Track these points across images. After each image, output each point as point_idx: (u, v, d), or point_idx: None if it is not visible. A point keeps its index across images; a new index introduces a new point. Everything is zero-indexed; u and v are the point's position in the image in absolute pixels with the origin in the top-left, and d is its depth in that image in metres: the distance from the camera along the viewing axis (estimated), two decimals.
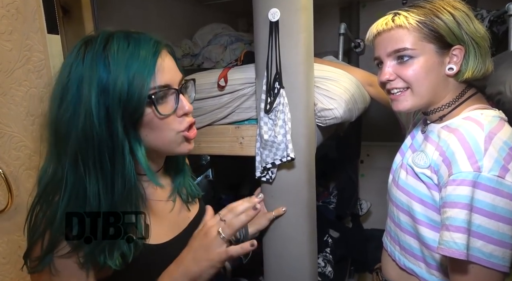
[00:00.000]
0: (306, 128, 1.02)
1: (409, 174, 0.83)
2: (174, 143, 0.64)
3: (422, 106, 0.83)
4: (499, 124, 0.74)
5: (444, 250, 0.68)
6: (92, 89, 0.55)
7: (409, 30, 0.77)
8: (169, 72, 0.62)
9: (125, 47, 0.57)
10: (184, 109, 0.63)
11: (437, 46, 0.77)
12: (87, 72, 0.56)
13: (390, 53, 0.80)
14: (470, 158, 0.68)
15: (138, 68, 0.56)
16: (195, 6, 1.90)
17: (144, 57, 0.57)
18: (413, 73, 0.77)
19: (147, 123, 0.60)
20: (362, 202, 2.28)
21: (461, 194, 0.67)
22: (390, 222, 0.92)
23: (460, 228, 0.67)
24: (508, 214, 0.66)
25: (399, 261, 0.88)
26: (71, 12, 1.06)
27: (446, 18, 0.75)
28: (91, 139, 0.55)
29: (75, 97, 0.56)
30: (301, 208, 1.05)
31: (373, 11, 2.19)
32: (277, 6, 0.94)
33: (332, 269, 1.74)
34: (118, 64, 0.56)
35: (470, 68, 0.77)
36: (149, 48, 0.59)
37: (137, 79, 0.56)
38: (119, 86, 0.55)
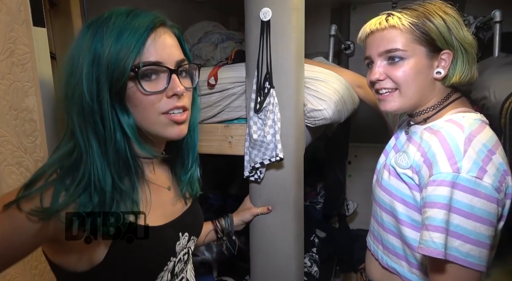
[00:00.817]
0: (295, 129, 1.03)
1: (392, 174, 0.84)
2: (159, 125, 0.62)
3: (409, 108, 0.84)
4: (480, 127, 0.75)
5: (424, 249, 0.70)
6: (86, 59, 0.56)
7: (401, 31, 0.77)
8: (164, 50, 0.60)
9: (123, 19, 0.58)
10: (174, 89, 0.61)
11: (427, 49, 0.78)
12: (85, 44, 0.57)
13: (381, 53, 0.80)
14: (450, 159, 0.70)
15: (127, 39, 0.56)
16: (186, 3, 1.89)
17: (136, 29, 0.57)
18: (403, 74, 0.78)
19: (132, 98, 0.59)
20: (349, 202, 2.30)
21: (440, 195, 0.69)
22: (374, 222, 0.93)
23: (438, 228, 0.68)
24: (484, 214, 0.68)
25: (382, 260, 0.89)
26: (58, 5, 1.03)
27: (438, 22, 0.76)
28: (87, 110, 0.57)
29: (74, 69, 0.57)
30: (288, 208, 1.05)
31: (363, 14, 2.22)
32: (269, 6, 0.94)
33: (318, 269, 1.75)
34: (111, 34, 0.57)
35: (458, 73, 0.78)
36: (144, 22, 0.58)
37: (124, 49, 0.56)
38: (107, 56, 0.56)
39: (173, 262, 0.71)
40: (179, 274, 0.74)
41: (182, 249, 0.74)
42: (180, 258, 0.73)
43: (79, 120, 0.58)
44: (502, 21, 1.34)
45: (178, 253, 0.72)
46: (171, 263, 0.70)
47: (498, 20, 1.34)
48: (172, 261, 0.70)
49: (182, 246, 0.73)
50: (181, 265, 0.74)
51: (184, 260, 0.75)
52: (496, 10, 1.35)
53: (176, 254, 0.71)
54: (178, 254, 0.72)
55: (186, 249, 0.76)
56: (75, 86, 0.57)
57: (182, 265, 0.75)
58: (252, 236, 1.12)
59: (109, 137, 0.58)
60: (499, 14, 1.34)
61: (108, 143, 0.58)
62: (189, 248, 0.77)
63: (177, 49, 0.63)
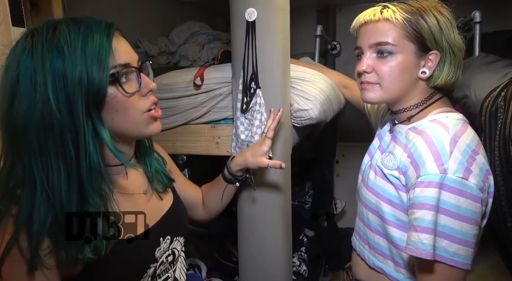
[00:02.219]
0: (282, 128, 1.03)
1: (378, 175, 0.84)
2: (141, 124, 0.63)
3: (389, 102, 0.84)
4: (463, 127, 0.76)
5: (412, 250, 0.70)
6: (48, 77, 0.53)
7: (394, 25, 0.77)
8: (126, 52, 0.61)
9: (76, 30, 0.56)
10: (148, 86, 0.63)
11: (416, 47, 0.77)
12: (39, 62, 0.54)
13: (372, 44, 0.80)
14: (437, 160, 0.71)
15: (95, 50, 0.55)
16: (172, 4, 1.87)
17: (99, 39, 0.56)
18: (389, 70, 0.78)
19: (112, 104, 0.59)
20: (337, 201, 2.32)
21: (428, 196, 0.69)
22: (359, 222, 0.94)
23: (427, 229, 0.69)
24: (470, 214, 0.69)
25: (368, 260, 0.90)
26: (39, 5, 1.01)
27: (431, 21, 0.76)
28: (51, 128, 0.54)
29: (29, 90, 0.54)
30: (276, 207, 1.06)
31: (349, 14, 2.23)
32: (254, 6, 0.94)
33: (307, 268, 1.76)
34: (72, 48, 0.54)
35: (444, 76, 0.79)
36: (101, 30, 0.58)
37: (95, 61, 0.55)
38: (78, 71, 0.54)
39: (153, 268, 0.70)
40: (162, 274, 0.73)
41: (164, 253, 0.73)
42: (163, 261, 0.73)
43: (42, 143, 0.54)
44: (481, 22, 1.37)
45: (159, 258, 0.71)
46: (151, 269, 0.69)
47: (478, 20, 1.37)
48: (152, 267, 0.70)
49: (163, 250, 0.72)
50: (165, 266, 0.74)
51: (168, 261, 0.74)
52: (476, 11, 1.38)
53: (156, 259, 0.70)
54: (159, 258, 0.71)
55: (169, 251, 0.75)
56: (41, 106, 0.53)
57: (166, 265, 0.74)
58: (240, 236, 1.12)
59: (82, 153, 0.56)
60: (479, 15, 1.37)
61: (81, 159, 0.56)
62: (173, 250, 0.76)
63: (133, 50, 0.64)
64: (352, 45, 0.88)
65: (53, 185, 0.55)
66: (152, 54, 1.53)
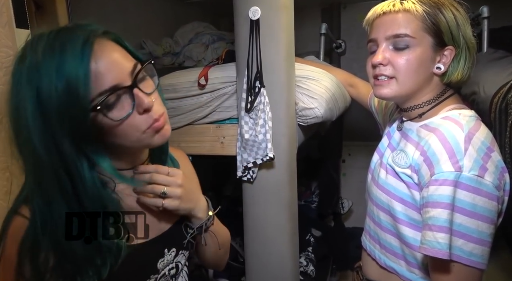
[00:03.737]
0: (287, 128, 1.02)
1: (389, 173, 0.83)
2: (145, 139, 0.58)
3: (403, 98, 0.82)
4: (476, 124, 0.75)
5: (428, 250, 0.69)
6: (28, 106, 0.49)
7: (415, 17, 0.75)
8: (112, 71, 0.52)
9: (51, 55, 0.49)
10: (142, 106, 0.54)
11: (434, 41, 0.76)
12: (22, 88, 0.50)
13: (389, 36, 0.77)
14: (452, 158, 0.69)
15: (69, 81, 0.48)
16: (176, 4, 1.87)
17: (73, 66, 0.48)
18: (406, 63, 0.76)
19: (107, 131, 0.54)
20: (344, 201, 2.31)
21: (443, 194, 0.68)
22: (370, 221, 0.92)
23: (442, 228, 0.67)
24: (486, 212, 0.68)
25: (380, 260, 0.89)
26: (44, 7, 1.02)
27: (449, 16, 0.75)
28: (44, 169, 0.51)
29: (24, 124, 0.50)
30: (282, 207, 1.05)
31: (353, 12, 2.22)
32: (257, 5, 0.93)
33: (314, 268, 1.75)
34: (47, 70, 0.49)
35: (460, 72, 0.77)
36: (76, 52, 0.49)
37: (71, 93, 0.48)
38: (55, 106, 0.48)
39: (153, 280, 0.68)
40: None
41: (167, 265, 0.70)
42: (165, 273, 0.70)
43: (39, 177, 0.53)
44: (489, 17, 1.35)
45: (161, 270, 0.69)
46: (151, 280, 0.67)
47: (486, 16, 1.35)
48: (152, 278, 0.67)
49: (166, 262, 0.70)
50: (166, 279, 0.71)
51: (170, 275, 0.72)
52: (484, 6, 1.36)
53: (158, 271, 0.68)
54: (162, 270, 0.69)
55: (173, 264, 0.72)
56: (25, 142, 0.51)
57: (168, 279, 0.71)
58: (246, 237, 1.11)
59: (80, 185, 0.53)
60: (487, 10, 1.35)
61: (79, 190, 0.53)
62: (177, 263, 0.73)
63: (125, 58, 0.55)
64: (357, 43, 0.88)
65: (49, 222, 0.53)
66: (156, 55, 1.53)
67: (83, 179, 0.53)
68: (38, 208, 0.53)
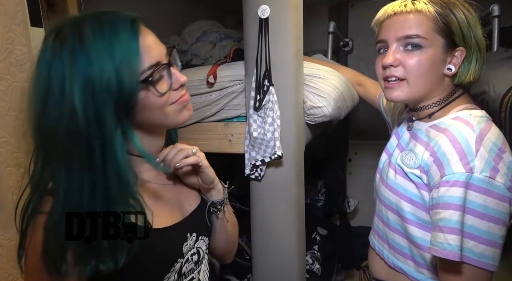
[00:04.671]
0: (295, 126, 1.02)
1: (398, 173, 0.83)
2: (172, 115, 0.62)
3: (415, 100, 0.81)
4: (487, 124, 0.74)
5: (438, 251, 0.69)
6: (75, 85, 0.52)
7: (427, 17, 0.74)
8: (155, 49, 0.59)
9: (101, 33, 0.53)
10: (179, 81, 0.62)
11: (445, 42, 0.75)
12: (67, 70, 0.52)
13: (400, 37, 0.76)
14: (462, 159, 0.69)
15: (123, 54, 0.53)
16: (184, 2, 1.88)
17: (125, 41, 0.53)
18: (417, 64, 0.75)
19: (144, 105, 0.58)
20: (350, 200, 2.30)
21: (454, 195, 0.67)
22: (378, 221, 0.92)
23: (454, 230, 0.67)
24: (498, 214, 0.67)
25: (388, 260, 0.88)
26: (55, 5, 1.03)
27: (460, 17, 0.74)
28: (78, 138, 0.53)
29: (58, 98, 0.53)
30: (289, 205, 1.05)
31: (361, 11, 2.21)
32: (267, 3, 0.93)
33: (320, 266, 1.75)
34: (99, 53, 0.52)
35: (471, 73, 0.77)
36: (127, 30, 0.55)
37: (124, 66, 0.53)
38: (106, 77, 0.52)
39: (180, 263, 0.70)
40: (187, 274, 0.73)
41: (190, 250, 0.72)
42: (188, 258, 0.72)
43: (70, 152, 0.54)
44: (500, 16, 1.34)
45: (185, 254, 0.71)
46: (178, 264, 0.69)
47: (497, 14, 1.34)
48: (179, 262, 0.69)
49: (189, 246, 0.72)
50: (190, 265, 0.73)
51: (193, 260, 0.74)
52: (495, 4, 1.35)
53: (183, 255, 0.70)
54: (186, 255, 0.71)
55: (195, 249, 0.74)
56: (68, 115, 0.52)
57: (192, 265, 0.73)
58: (253, 234, 1.12)
59: (111, 161, 0.54)
60: (498, 9, 1.34)
61: (108, 168, 0.55)
62: (198, 249, 0.75)
63: (159, 41, 0.62)
64: (365, 41, 0.88)
65: (74, 195, 0.54)
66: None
67: (115, 154, 0.55)
68: (63, 185, 0.54)
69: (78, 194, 0.54)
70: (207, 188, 0.76)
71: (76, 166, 0.54)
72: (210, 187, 0.76)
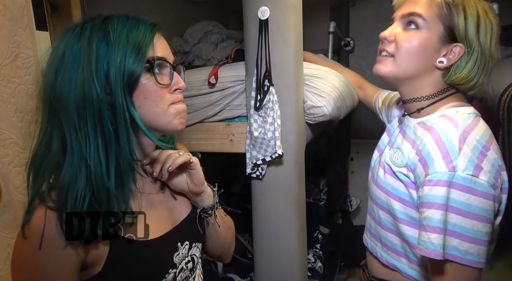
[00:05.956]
0: (296, 125, 1.04)
1: (387, 172, 0.83)
2: (167, 116, 0.64)
3: (398, 79, 0.81)
4: (474, 121, 0.74)
5: (422, 250, 0.70)
6: (92, 57, 0.57)
7: (435, 3, 0.75)
8: (166, 49, 0.65)
9: (125, 21, 0.61)
10: (178, 84, 0.66)
11: (445, 32, 0.75)
12: (85, 42, 0.58)
13: (404, 15, 0.78)
14: (445, 158, 0.69)
15: (137, 39, 0.60)
16: (186, 4, 1.90)
17: (143, 30, 0.61)
18: (408, 43, 0.76)
19: (142, 91, 0.61)
20: (352, 198, 2.31)
21: (437, 195, 0.68)
22: (371, 219, 0.93)
23: (436, 229, 0.68)
24: (482, 212, 0.68)
25: (381, 258, 0.89)
26: (59, 8, 1.05)
27: (471, 13, 0.73)
28: (90, 103, 0.57)
29: (73, 65, 0.58)
30: (290, 204, 1.07)
31: (362, 10, 2.22)
32: (266, 4, 0.95)
33: (322, 265, 1.76)
34: (117, 35, 0.59)
35: (463, 74, 0.75)
36: (147, 25, 0.63)
37: (135, 49, 0.59)
38: (119, 55, 0.58)
39: (172, 274, 0.69)
40: None
41: (183, 259, 0.72)
42: (182, 267, 0.72)
43: (82, 117, 0.57)
44: (500, 14, 1.34)
45: (178, 264, 0.70)
46: (170, 275, 0.69)
47: (496, 13, 1.34)
48: (172, 273, 0.69)
49: (182, 256, 0.71)
50: (185, 273, 0.73)
51: (188, 268, 0.74)
52: (494, 3, 1.35)
53: (175, 265, 0.70)
54: (179, 264, 0.71)
55: (189, 257, 0.74)
56: (82, 80, 0.57)
57: (187, 273, 0.73)
58: (255, 233, 1.13)
59: (122, 130, 0.59)
60: (497, 7, 1.34)
61: (120, 136, 0.59)
62: (192, 256, 0.75)
63: (171, 51, 0.67)
64: (366, 41, 0.89)
65: (92, 155, 0.57)
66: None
67: (125, 123, 0.59)
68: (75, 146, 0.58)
69: (92, 155, 0.57)
70: (197, 191, 0.74)
71: (88, 129, 0.58)
72: (201, 191, 0.75)
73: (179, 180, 0.73)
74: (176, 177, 0.73)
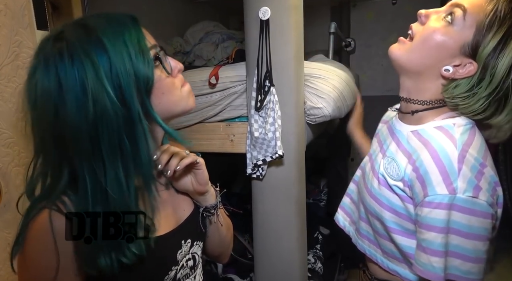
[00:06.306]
0: (296, 126, 1.04)
1: (382, 184, 0.80)
2: (184, 99, 0.65)
3: (403, 70, 0.78)
4: (470, 135, 0.72)
5: (423, 272, 0.69)
6: (100, 75, 0.53)
7: (485, 12, 0.68)
8: (151, 37, 0.63)
9: (109, 25, 0.57)
10: (177, 66, 0.65)
11: (471, 42, 0.69)
12: (84, 62, 0.53)
13: (453, 4, 0.72)
14: (445, 180, 0.67)
15: (133, 38, 0.57)
16: (186, 4, 1.90)
17: (133, 29, 0.58)
18: (432, 33, 0.72)
19: (159, 88, 0.61)
20: None
21: (438, 218, 0.67)
22: (368, 227, 0.89)
23: (437, 252, 0.67)
24: (482, 231, 0.66)
25: (382, 264, 0.87)
26: (60, 8, 1.05)
27: (508, 46, 0.66)
28: (105, 126, 0.54)
29: (77, 94, 0.53)
30: (291, 204, 1.07)
31: (363, 11, 2.22)
32: (267, 5, 0.95)
33: (322, 265, 1.76)
34: (113, 43, 0.55)
35: (459, 94, 0.71)
36: (129, 21, 0.59)
37: (138, 50, 0.57)
38: (126, 64, 0.55)
39: (174, 271, 0.70)
40: (182, 279, 0.73)
41: (185, 256, 0.72)
42: (183, 264, 0.72)
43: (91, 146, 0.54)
44: None
45: (180, 261, 0.71)
46: (173, 272, 0.69)
47: None
48: (174, 269, 0.70)
49: (184, 253, 0.72)
50: (185, 270, 0.73)
51: (188, 266, 0.74)
52: None
53: (177, 262, 0.70)
54: (180, 261, 0.71)
55: (190, 255, 0.74)
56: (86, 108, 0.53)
57: (187, 270, 0.74)
58: (255, 233, 1.13)
59: (142, 142, 0.57)
60: None
61: (140, 149, 0.57)
62: (194, 254, 0.75)
63: None
64: (367, 41, 0.89)
65: (109, 181, 0.55)
66: (167, 54, 1.56)
67: (144, 134, 0.57)
68: (89, 179, 0.55)
69: (114, 176, 0.55)
70: (202, 191, 0.74)
71: (104, 156, 0.55)
72: (205, 190, 0.74)
73: (184, 180, 0.73)
74: (181, 177, 0.73)
